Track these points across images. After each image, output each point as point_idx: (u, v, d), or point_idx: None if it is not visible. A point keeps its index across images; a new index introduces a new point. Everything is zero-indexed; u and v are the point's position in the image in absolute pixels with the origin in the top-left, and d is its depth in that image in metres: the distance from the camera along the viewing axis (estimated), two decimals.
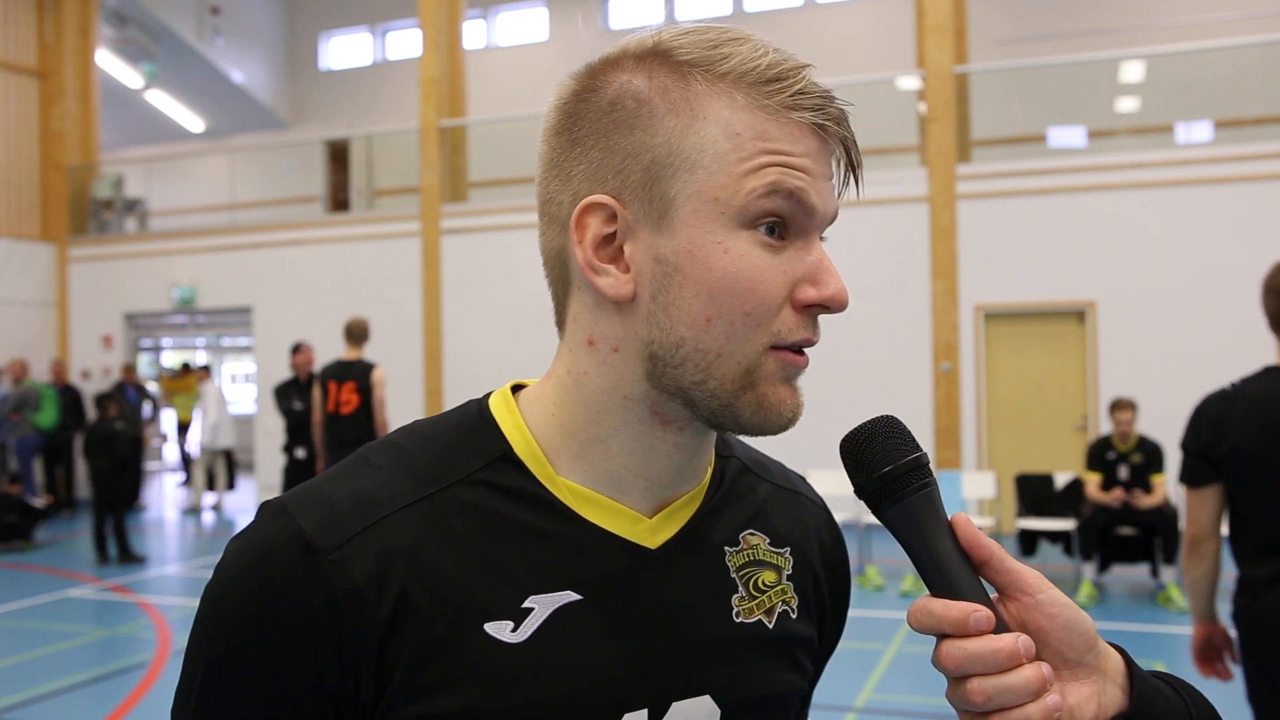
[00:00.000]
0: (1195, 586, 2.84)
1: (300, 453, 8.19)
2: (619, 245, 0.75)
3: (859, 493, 0.74)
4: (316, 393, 7.42)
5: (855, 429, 0.74)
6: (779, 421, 0.75)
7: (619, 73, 0.75)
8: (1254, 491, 2.66)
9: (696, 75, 0.73)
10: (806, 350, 0.76)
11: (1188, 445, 2.75)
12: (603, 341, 0.77)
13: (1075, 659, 0.71)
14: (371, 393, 7.12)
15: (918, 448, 0.73)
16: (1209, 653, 2.90)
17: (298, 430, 8.26)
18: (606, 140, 0.74)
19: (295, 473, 8.19)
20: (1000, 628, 0.69)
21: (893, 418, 0.75)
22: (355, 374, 7.15)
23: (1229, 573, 2.79)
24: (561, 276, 0.80)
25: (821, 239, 0.76)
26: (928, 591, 0.72)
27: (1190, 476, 2.75)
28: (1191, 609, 2.90)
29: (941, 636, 0.69)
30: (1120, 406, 7.26)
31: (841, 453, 0.74)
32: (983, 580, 0.72)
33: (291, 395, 8.51)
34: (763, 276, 0.72)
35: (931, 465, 0.73)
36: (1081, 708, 0.70)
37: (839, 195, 0.77)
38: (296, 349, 8.65)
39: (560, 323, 0.81)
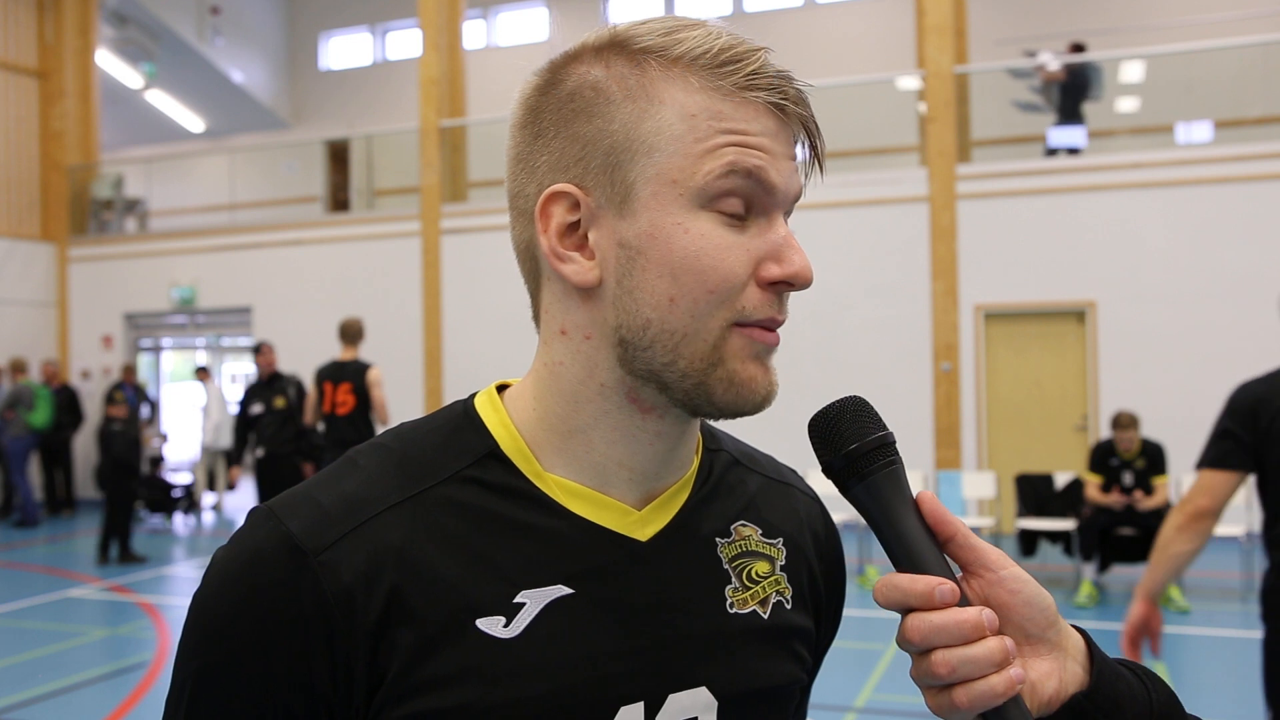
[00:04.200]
0: (1174, 561, 2.72)
1: (259, 452, 8.05)
2: (583, 233, 0.75)
3: (826, 470, 0.74)
4: (312, 393, 7.41)
5: (823, 409, 0.75)
6: (753, 399, 0.75)
7: (579, 65, 0.76)
8: (1260, 480, 2.72)
9: (651, 61, 0.74)
10: (779, 332, 0.76)
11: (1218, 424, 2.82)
12: (575, 330, 0.77)
13: (1037, 634, 0.72)
14: (368, 393, 7.11)
15: (884, 427, 0.74)
16: (1139, 636, 2.78)
17: (254, 430, 8.16)
18: (567, 130, 0.75)
19: (266, 472, 7.97)
20: (964, 603, 0.70)
21: (860, 398, 0.75)
22: (350, 374, 7.14)
23: (1246, 573, 2.79)
24: (533, 270, 0.80)
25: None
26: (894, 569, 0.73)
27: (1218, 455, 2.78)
28: (1147, 584, 2.76)
29: (906, 611, 0.70)
30: (1123, 425, 7.07)
31: (810, 431, 0.75)
32: (947, 557, 0.73)
33: (254, 397, 8.34)
34: (724, 255, 0.72)
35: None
36: (1043, 682, 0.71)
37: (804, 175, 0.77)
38: (258, 349, 8.48)
39: (536, 316, 0.81)
